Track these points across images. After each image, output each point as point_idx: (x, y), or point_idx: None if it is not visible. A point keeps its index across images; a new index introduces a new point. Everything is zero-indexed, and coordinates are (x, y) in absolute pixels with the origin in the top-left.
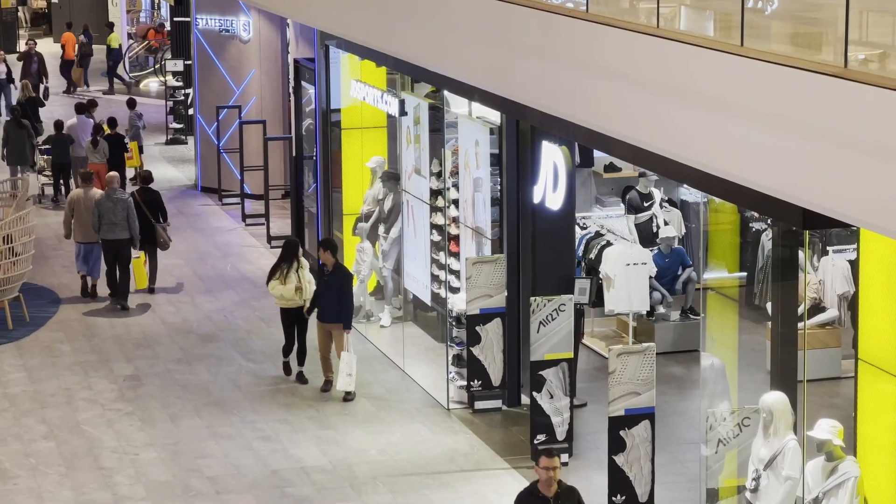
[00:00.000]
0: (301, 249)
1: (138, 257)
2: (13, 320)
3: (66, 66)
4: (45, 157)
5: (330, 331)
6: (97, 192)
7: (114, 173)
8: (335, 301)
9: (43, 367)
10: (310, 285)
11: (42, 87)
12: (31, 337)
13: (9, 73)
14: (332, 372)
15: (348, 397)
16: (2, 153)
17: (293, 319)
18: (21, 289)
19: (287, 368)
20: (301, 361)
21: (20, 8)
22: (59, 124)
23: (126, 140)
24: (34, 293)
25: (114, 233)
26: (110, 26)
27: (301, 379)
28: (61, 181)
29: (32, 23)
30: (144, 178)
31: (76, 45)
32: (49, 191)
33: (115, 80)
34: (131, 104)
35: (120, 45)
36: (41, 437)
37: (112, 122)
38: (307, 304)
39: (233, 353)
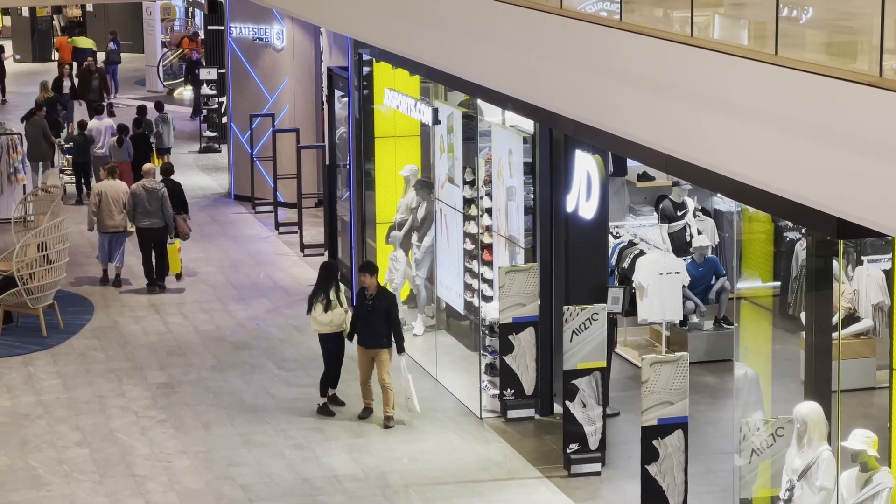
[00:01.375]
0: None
1: (173, 244)
2: (47, 328)
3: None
4: (67, 156)
5: (373, 356)
6: (122, 184)
7: (149, 165)
8: (383, 325)
9: (77, 375)
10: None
11: (105, 102)
12: (65, 344)
13: (73, 87)
14: (372, 399)
15: (389, 424)
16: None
17: (335, 346)
18: (55, 296)
19: (328, 410)
20: (335, 384)
21: (55, 16)
22: (81, 124)
23: (152, 140)
24: (68, 301)
25: (149, 221)
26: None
27: (337, 401)
28: (82, 180)
29: (67, 31)
30: (165, 169)
31: (71, 51)
32: (71, 189)
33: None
34: (159, 107)
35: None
36: (75, 444)
37: (137, 122)
38: (346, 329)
39: (266, 361)
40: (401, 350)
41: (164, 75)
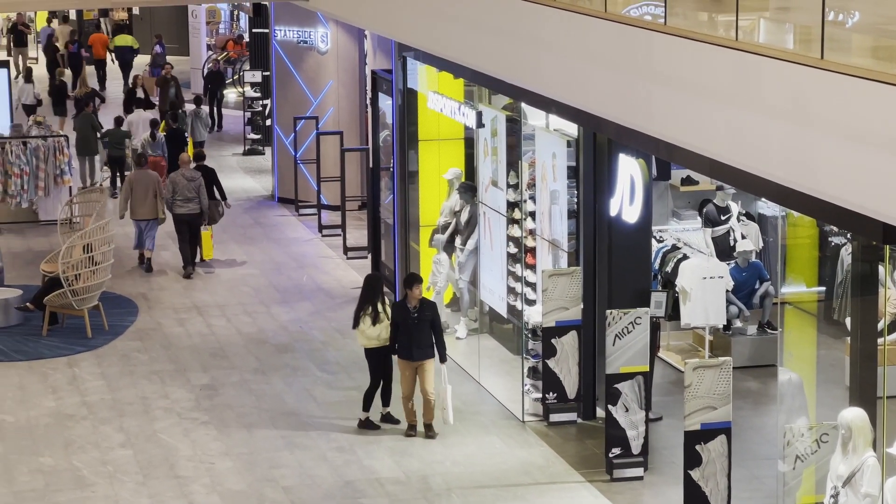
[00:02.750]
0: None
1: (207, 230)
2: (92, 329)
3: (98, 66)
4: (105, 150)
5: (416, 368)
6: (152, 173)
7: (185, 154)
8: (429, 336)
9: (121, 376)
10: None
11: (180, 111)
12: (109, 345)
13: (146, 98)
14: (416, 418)
15: (432, 434)
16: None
17: (382, 360)
18: (100, 297)
19: (371, 424)
20: (388, 401)
21: (101, 19)
22: (118, 120)
23: (186, 135)
24: (113, 302)
25: (186, 207)
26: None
27: (390, 419)
28: (117, 173)
29: (114, 33)
30: (198, 155)
31: (105, 45)
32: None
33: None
34: (196, 101)
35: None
36: (118, 446)
37: (174, 117)
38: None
39: (308, 363)
40: (444, 359)
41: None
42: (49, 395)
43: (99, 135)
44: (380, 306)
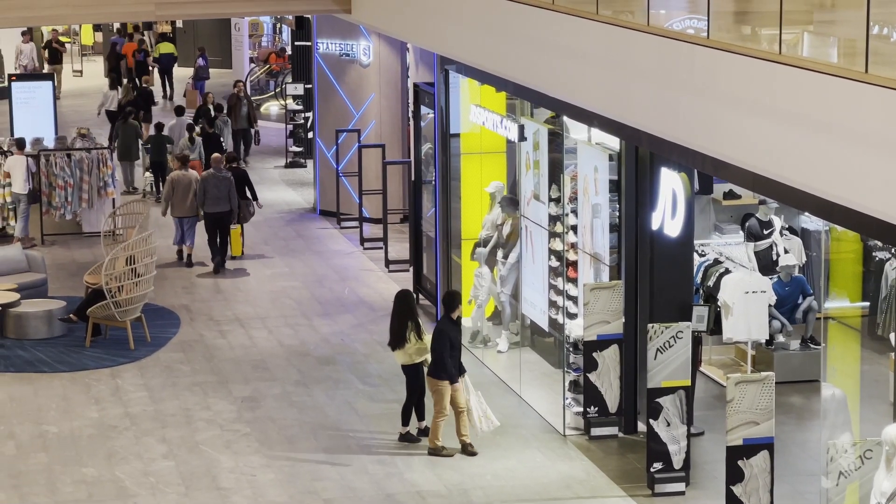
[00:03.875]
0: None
1: (236, 227)
2: (134, 340)
3: (129, 72)
4: (147, 155)
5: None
6: (193, 172)
7: (217, 154)
8: (460, 352)
9: (163, 387)
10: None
11: (253, 130)
12: (151, 357)
13: (216, 116)
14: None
15: (474, 450)
16: (112, 147)
17: (420, 375)
18: (142, 309)
19: (412, 437)
20: (422, 416)
21: (146, 32)
22: (159, 126)
23: (222, 140)
24: (155, 314)
25: (217, 206)
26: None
27: (428, 432)
28: (159, 178)
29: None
30: (230, 158)
31: (135, 53)
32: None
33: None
34: (218, 109)
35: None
36: (161, 457)
37: (211, 122)
38: (427, 359)
39: (350, 376)
40: (464, 370)
41: (251, 91)
42: (92, 406)
43: (141, 142)
44: (420, 322)
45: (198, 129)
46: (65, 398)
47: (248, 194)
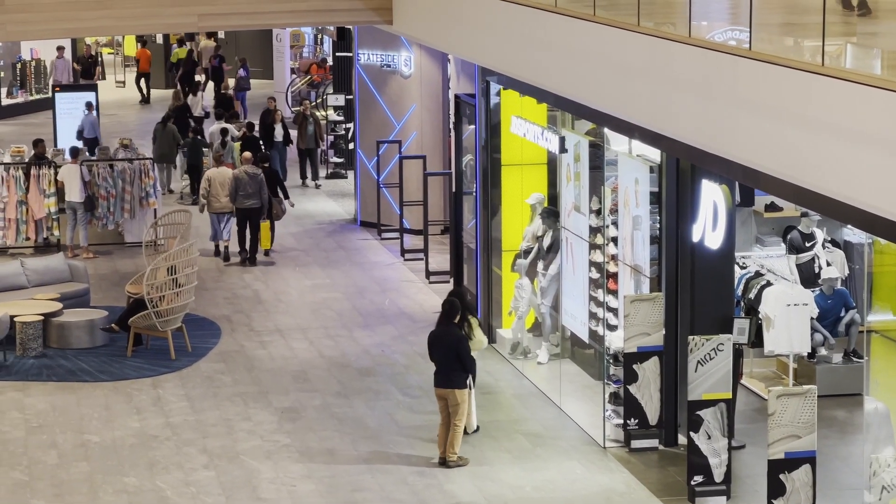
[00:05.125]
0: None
1: (265, 222)
2: (175, 350)
3: (140, 77)
4: (184, 159)
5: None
6: (227, 170)
7: (248, 153)
8: None
9: (204, 398)
10: None
11: (319, 150)
12: (192, 367)
13: (286, 134)
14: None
15: (459, 463)
16: (151, 150)
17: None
18: (183, 319)
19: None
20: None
21: (188, 43)
22: (195, 130)
23: (260, 142)
24: (196, 324)
25: (248, 202)
26: (181, 41)
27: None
28: (195, 180)
29: (198, 58)
30: (263, 158)
31: (149, 59)
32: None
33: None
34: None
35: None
36: (202, 467)
37: (250, 125)
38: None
39: (390, 387)
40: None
41: (292, 101)
42: (134, 416)
43: (179, 145)
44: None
45: (234, 131)
46: (106, 407)
47: (280, 193)
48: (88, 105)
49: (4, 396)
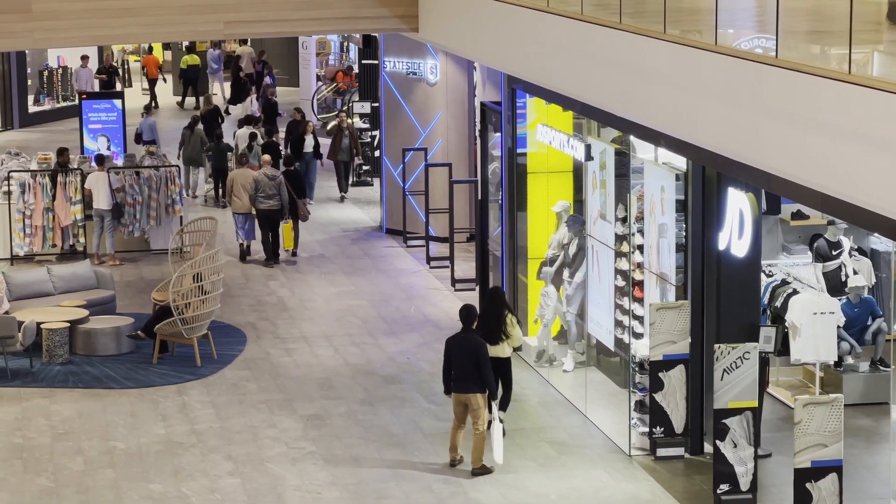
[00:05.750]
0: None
1: (287, 223)
2: (201, 357)
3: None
4: (210, 162)
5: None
6: (250, 171)
7: (267, 156)
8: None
9: (229, 405)
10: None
11: (355, 163)
12: (217, 374)
13: (316, 146)
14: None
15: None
16: (178, 154)
17: (509, 367)
18: (209, 327)
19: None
20: (505, 407)
21: (214, 50)
22: (219, 135)
23: (281, 147)
24: (222, 331)
25: (268, 204)
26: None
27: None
28: (219, 184)
29: (225, 66)
30: (287, 160)
31: (157, 65)
32: (214, 194)
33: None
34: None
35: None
36: (227, 474)
37: (269, 131)
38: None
39: (415, 395)
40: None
41: (318, 109)
42: (159, 423)
43: (205, 149)
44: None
45: (261, 137)
46: (132, 414)
47: (305, 195)
48: (146, 108)
49: (31, 403)
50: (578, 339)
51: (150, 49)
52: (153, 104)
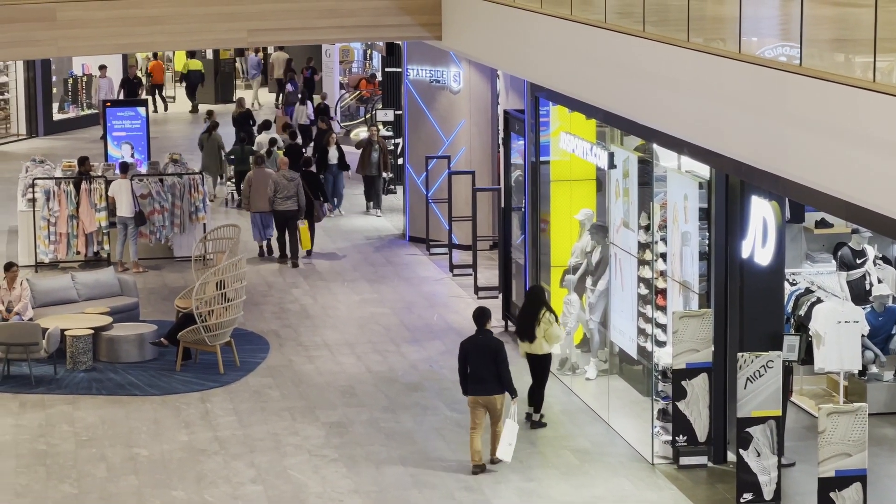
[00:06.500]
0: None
1: (304, 224)
2: (224, 365)
3: (154, 88)
4: (231, 166)
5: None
6: (269, 171)
7: (285, 158)
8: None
9: (252, 412)
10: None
11: (384, 178)
12: (240, 382)
13: (341, 157)
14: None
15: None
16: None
17: (545, 365)
18: (232, 334)
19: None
20: (539, 406)
21: (237, 59)
22: (241, 138)
23: (304, 151)
24: (244, 339)
25: (285, 205)
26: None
27: (541, 424)
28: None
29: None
30: (306, 161)
31: (163, 71)
32: (237, 195)
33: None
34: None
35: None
36: (249, 481)
37: (293, 134)
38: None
39: (438, 402)
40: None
41: (341, 116)
42: (182, 430)
43: (224, 154)
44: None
45: (281, 141)
46: (155, 421)
47: (321, 197)
48: (209, 113)
49: (55, 410)
50: (601, 348)
51: (156, 55)
52: (155, 109)
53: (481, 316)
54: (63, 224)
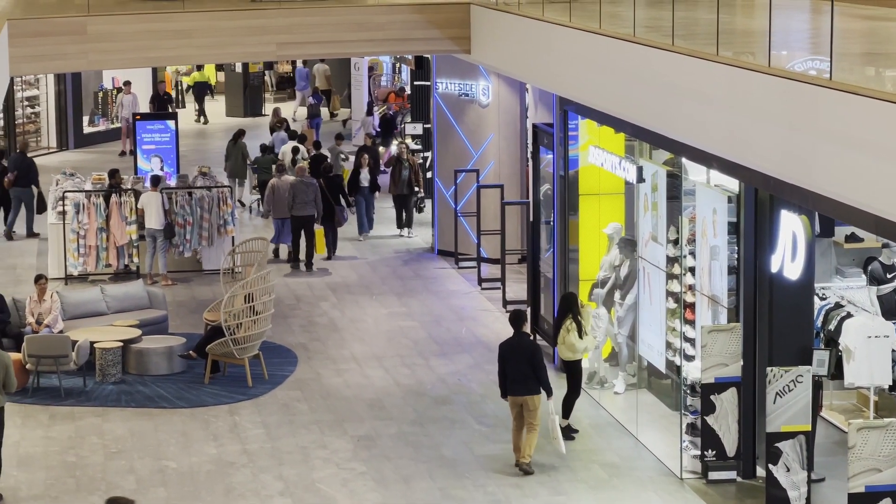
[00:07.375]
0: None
1: (319, 229)
2: (252, 378)
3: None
4: (255, 174)
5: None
6: (290, 178)
7: (302, 164)
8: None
9: (280, 425)
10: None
11: (416, 197)
12: (269, 394)
13: (373, 180)
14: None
15: (530, 469)
16: (224, 167)
17: (577, 371)
18: (260, 347)
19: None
20: (567, 413)
21: (266, 72)
22: (263, 147)
23: (328, 159)
24: (273, 352)
25: (304, 210)
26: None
27: (571, 433)
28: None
29: (277, 86)
30: (326, 168)
31: (174, 83)
32: (261, 205)
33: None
34: (338, 138)
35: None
36: (278, 494)
37: (317, 144)
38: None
39: (466, 416)
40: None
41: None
42: (211, 443)
43: (248, 162)
44: (581, 320)
45: (305, 152)
46: (184, 434)
47: (343, 202)
48: (282, 122)
49: (84, 422)
50: (629, 361)
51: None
52: (197, 119)
53: (517, 318)
54: (92, 237)
